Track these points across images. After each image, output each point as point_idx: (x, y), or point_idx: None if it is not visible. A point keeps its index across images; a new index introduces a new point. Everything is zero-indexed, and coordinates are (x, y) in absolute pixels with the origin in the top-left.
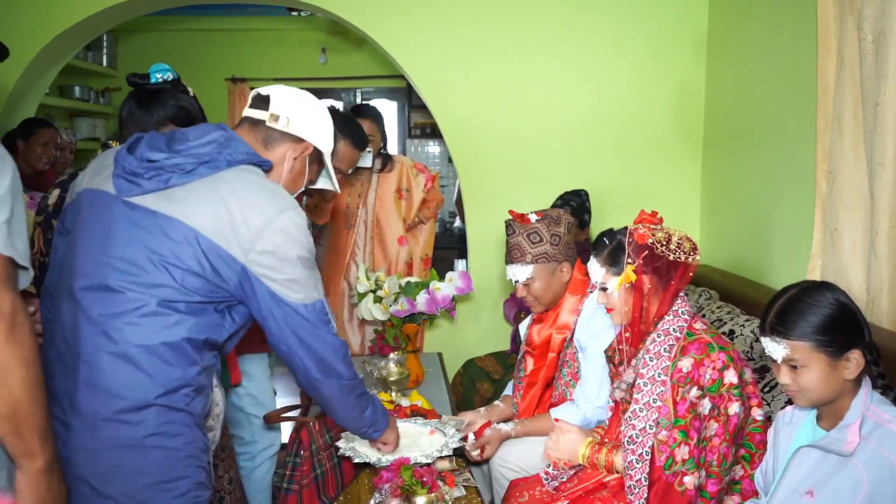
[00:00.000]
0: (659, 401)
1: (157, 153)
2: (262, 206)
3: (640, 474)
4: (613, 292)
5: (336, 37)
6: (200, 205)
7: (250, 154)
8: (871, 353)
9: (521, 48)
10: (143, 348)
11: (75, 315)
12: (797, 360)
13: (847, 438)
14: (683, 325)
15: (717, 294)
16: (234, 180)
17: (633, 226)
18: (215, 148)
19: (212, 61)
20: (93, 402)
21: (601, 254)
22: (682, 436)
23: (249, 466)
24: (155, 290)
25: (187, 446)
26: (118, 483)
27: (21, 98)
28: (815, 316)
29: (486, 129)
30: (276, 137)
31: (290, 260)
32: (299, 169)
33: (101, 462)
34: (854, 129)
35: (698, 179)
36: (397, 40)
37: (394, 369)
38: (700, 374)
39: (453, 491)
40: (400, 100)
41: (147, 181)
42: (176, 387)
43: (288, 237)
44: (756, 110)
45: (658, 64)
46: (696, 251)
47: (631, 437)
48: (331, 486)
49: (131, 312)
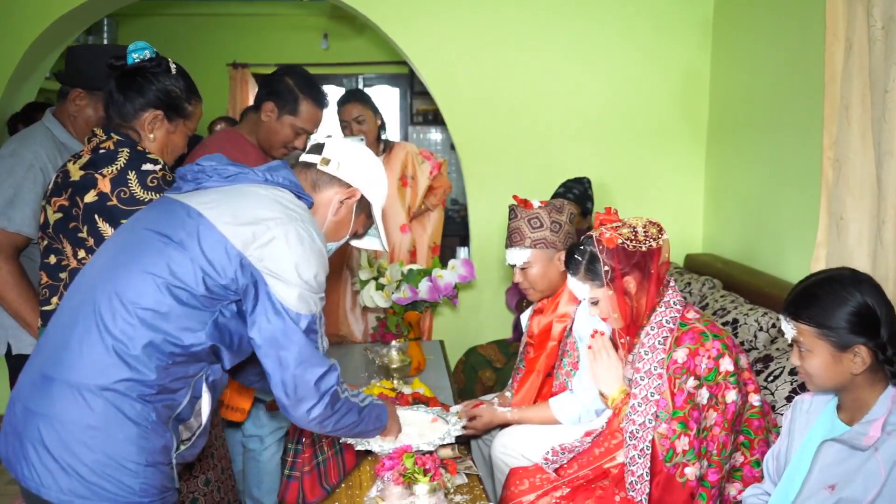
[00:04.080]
0: (657, 394)
1: (210, 161)
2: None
3: (642, 469)
4: (603, 303)
5: (338, 22)
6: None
7: (293, 183)
8: (885, 352)
9: (525, 34)
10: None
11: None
12: (802, 344)
13: (869, 433)
14: (676, 315)
15: (720, 283)
16: (258, 192)
17: (597, 232)
18: (264, 169)
19: (213, 46)
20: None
21: (578, 271)
22: (682, 427)
23: (258, 448)
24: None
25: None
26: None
27: (22, 82)
28: (828, 304)
29: (489, 116)
30: (326, 181)
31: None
32: (344, 215)
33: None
34: (862, 116)
35: (702, 166)
36: (400, 26)
37: (396, 357)
38: (696, 363)
39: (455, 478)
40: (402, 86)
41: (186, 182)
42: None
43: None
44: (762, 97)
45: (662, 49)
46: (662, 231)
47: (632, 433)
48: (332, 473)
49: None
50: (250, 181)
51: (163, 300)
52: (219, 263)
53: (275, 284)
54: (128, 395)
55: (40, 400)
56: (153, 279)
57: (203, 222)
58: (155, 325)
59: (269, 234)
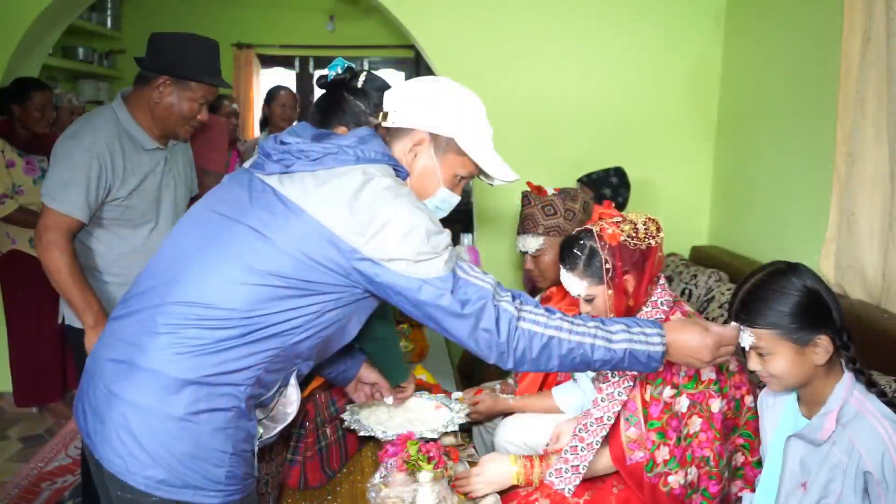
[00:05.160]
0: (625, 394)
1: (293, 138)
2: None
3: (580, 461)
4: (599, 301)
5: (344, 3)
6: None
7: (386, 155)
8: (841, 337)
9: (535, 22)
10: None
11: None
12: (763, 348)
13: (824, 426)
14: (661, 316)
15: (726, 276)
16: (349, 175)
17: (597, 226)
18: (354, 142)
19: (218, 26)
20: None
21: (576, 266)
22: (660, 437)
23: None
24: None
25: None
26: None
27: (24, 58)
28: (779, 303)
29: (496, 103)
30: (394, 136)
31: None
32: (424, 165)
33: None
34: (877, 110)
35: (710, 157)
36: (409, 8)
37: None
38: (672, 372)
39: (458, 466)
40: (408, 70)
41: (273, 163)
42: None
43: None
44: (774, 88)
45: (673, 39)
46: (660, 228)
47: (584, 425)
48: (335, 458)
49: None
50: (342, 163)
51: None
52: (322, 258)
53: (390, 263)
54: (218, 386)
55: (123, 384)
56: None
57: (304, 217)
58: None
59: (380, 221)
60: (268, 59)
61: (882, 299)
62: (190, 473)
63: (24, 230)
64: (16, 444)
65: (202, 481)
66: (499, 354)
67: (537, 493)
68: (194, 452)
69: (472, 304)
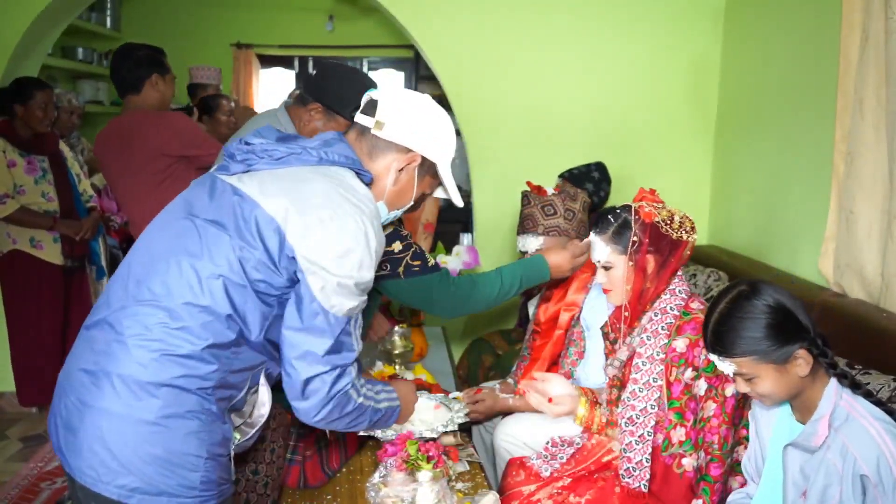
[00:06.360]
0: (659, 379)
1: (258, 139)
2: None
3: (641, 455)
4: (618, 272)
5: (344, 4)
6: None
7: (350, 159)
8: (817, 345)
9: (534, 21)
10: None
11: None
12: (745, 374)
13: (818, 432)
14: (681, 303)
15: (725, 275)
16: (311, 177)
17: (637, 203)
18: (318, 144)
19: (217, 26)
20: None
21: (606, 231)
22: (678, 417)
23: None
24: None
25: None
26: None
27: (23, 58)
28: (749, 330)
29: (495, 103)
30: (382, 147)
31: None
32: (406, 182)
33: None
34: (876, 109)
35: (709, 157)
36: (408, 8)
37: (398, 342)
38: (694, 354)
39: (457, 466)
40: (407, 70)
41: (236, 163)
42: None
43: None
44: (773, 88)
45: (672, 38)
46: (694, 230)
47: (630, 419)
48: (334, 457)
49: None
50: (304, 163)
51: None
52: (275, 254)
53: (312, 273)
54: (187, 390)
55: (94, 394)
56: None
57: (259, 212)
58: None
59: (319, 220)
60: (267, 60)
61: (881, 298)
62: (164, 480)
63: (25, 230)
64: (16, 444)
65: (177, 488)
66: (308, 407)
67: (539, 494)
68: (167, 458)
69: (339, 357)
